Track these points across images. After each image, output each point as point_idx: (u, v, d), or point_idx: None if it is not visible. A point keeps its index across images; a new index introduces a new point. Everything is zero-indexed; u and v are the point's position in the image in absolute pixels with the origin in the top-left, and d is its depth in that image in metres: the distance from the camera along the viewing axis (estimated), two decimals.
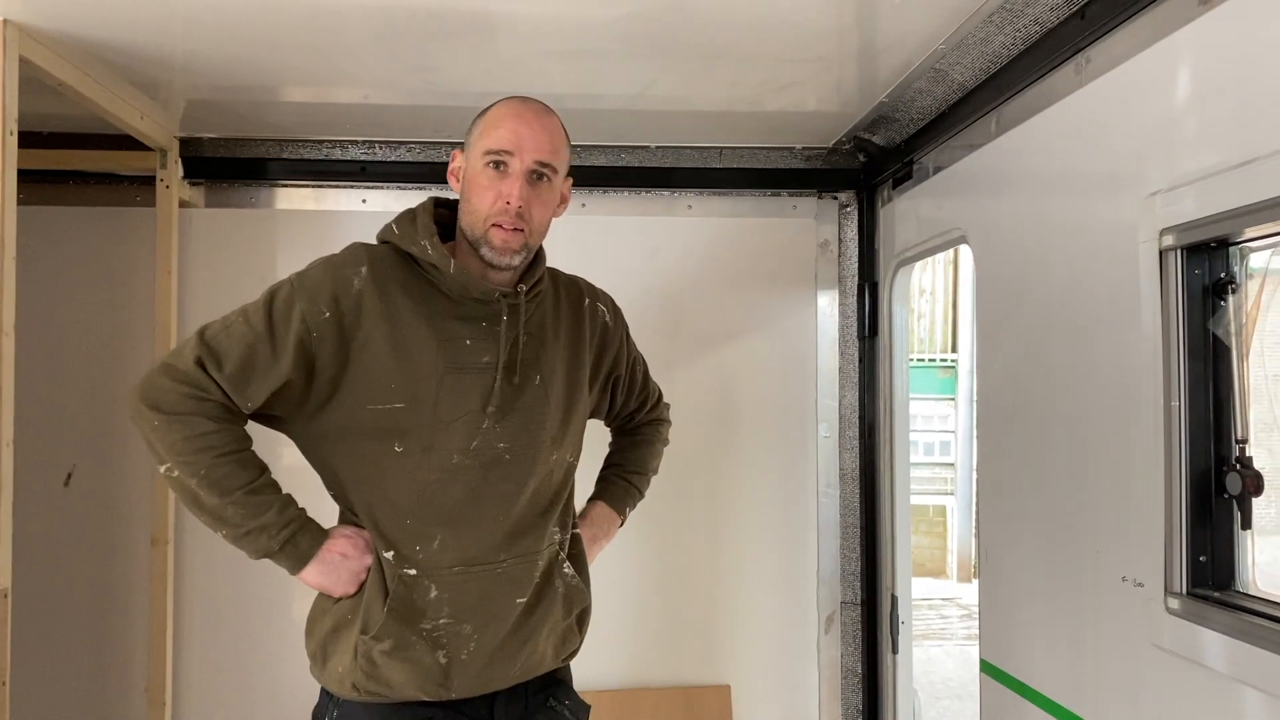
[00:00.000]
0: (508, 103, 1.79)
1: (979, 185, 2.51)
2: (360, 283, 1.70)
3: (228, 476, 1.64)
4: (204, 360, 1.63)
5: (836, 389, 3.32)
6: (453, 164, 1.83)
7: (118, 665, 3.07)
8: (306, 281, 1.70)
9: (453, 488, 1.73)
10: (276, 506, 1.68)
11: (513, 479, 1.78)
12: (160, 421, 1.63)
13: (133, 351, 3.06)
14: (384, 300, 1.70)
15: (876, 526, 3.22)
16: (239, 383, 1.64)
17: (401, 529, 1.73)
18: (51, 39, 2.23)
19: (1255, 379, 1.65)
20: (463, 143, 1.82)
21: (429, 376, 1.70)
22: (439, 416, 1.71)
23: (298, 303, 1.67)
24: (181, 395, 1.63)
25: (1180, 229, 1.65)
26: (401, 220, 1.78)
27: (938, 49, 2.28)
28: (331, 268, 1.72)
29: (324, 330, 1.67)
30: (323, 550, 1.71)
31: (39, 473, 3.06)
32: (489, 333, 1.75)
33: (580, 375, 1.91)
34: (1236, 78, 1.56)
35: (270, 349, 1.65)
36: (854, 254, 3.31)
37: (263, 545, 1.67)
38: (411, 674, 1.72)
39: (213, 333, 1.67)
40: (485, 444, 1.74)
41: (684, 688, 3.18)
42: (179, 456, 1.63)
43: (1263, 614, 1.51)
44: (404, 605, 1.72)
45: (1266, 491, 1.61)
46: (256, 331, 1.65)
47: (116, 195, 3.12)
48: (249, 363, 1.65)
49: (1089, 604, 1.97)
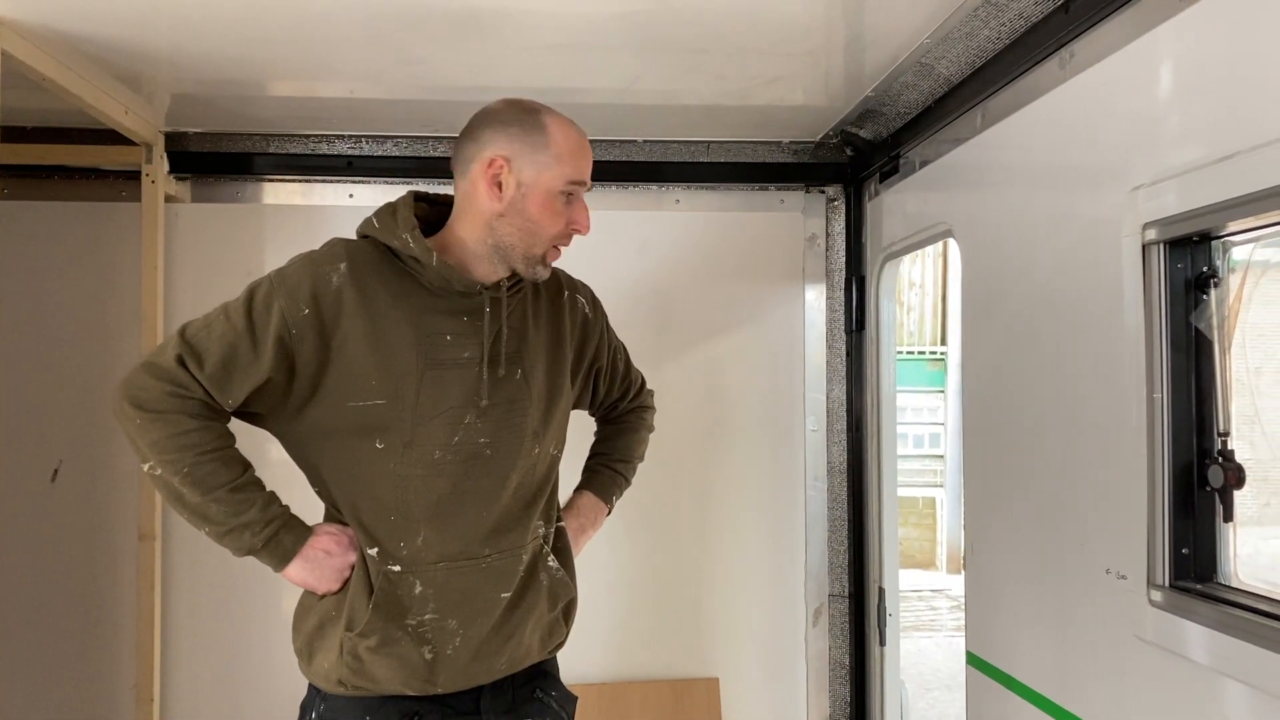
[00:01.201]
0: (572, 128, 1.76)
1: (965, 179, 2.51)
2: (339, 279, 1.69)
3: (210, 474, 1.64)
4: (185, 358, 1.64)
5: (824, 383, 3.32)
6: (497, 170, 1.71)
7: (105, 661, 3.06)
8: (286, 279, 1.69)
9: (435, 483, 1.73)
10: (259, 504, 1.68)
11: (494, 473, 1.78)
12: (143, 420, 1.63)
13: (119, 347, 3.05)
14: (363, 296, 1.69)
15: (864, 520, 3.23)
16: (220, 381, 1.65)
17: (385, 525, 1.73)
18: (34, 33, 2.22)
19: (1237, 372, 1.66)
20: (507, 154, 1.71)
21: (410, 372, 1.70)
22: (420, 412, 1.71)
23: (277, 300, 1.66)
24: (163, 393, 1.63)
25: (1163, 223, 1.66)
26: (381, 214, 1.77)
27: (923, 43, 2.29)
28: (310, 264, 1.71)
29: (303, 328, 1.66)
30: (306, 547, 1.71)
31: (25, 469, 3.05)
32: (470, 327, 1.75)
33: (561, 367, 1.91)
34: (1218, 73, 1.56)
35: (251, 347, 1.65)
36: (841, 248, 3.32)
37: (245, 543, 1.67)
38: (397, 670, 1.72)
39: (194, 331, 1.67)
40: (467, 439, 1.74)
41: (672, 680, 3.19)
42: (162, 454, 1.63)
43: (1244, 606, 1.52)
44: (389, 601, 1.72)
45: (1248, 484, 1.62)
46: (237, 330, 1.65)
47: (101, 190, 3.10)
48: (230, 361, 1.65)
49: (1073, 597, 1.98)
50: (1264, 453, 1.67)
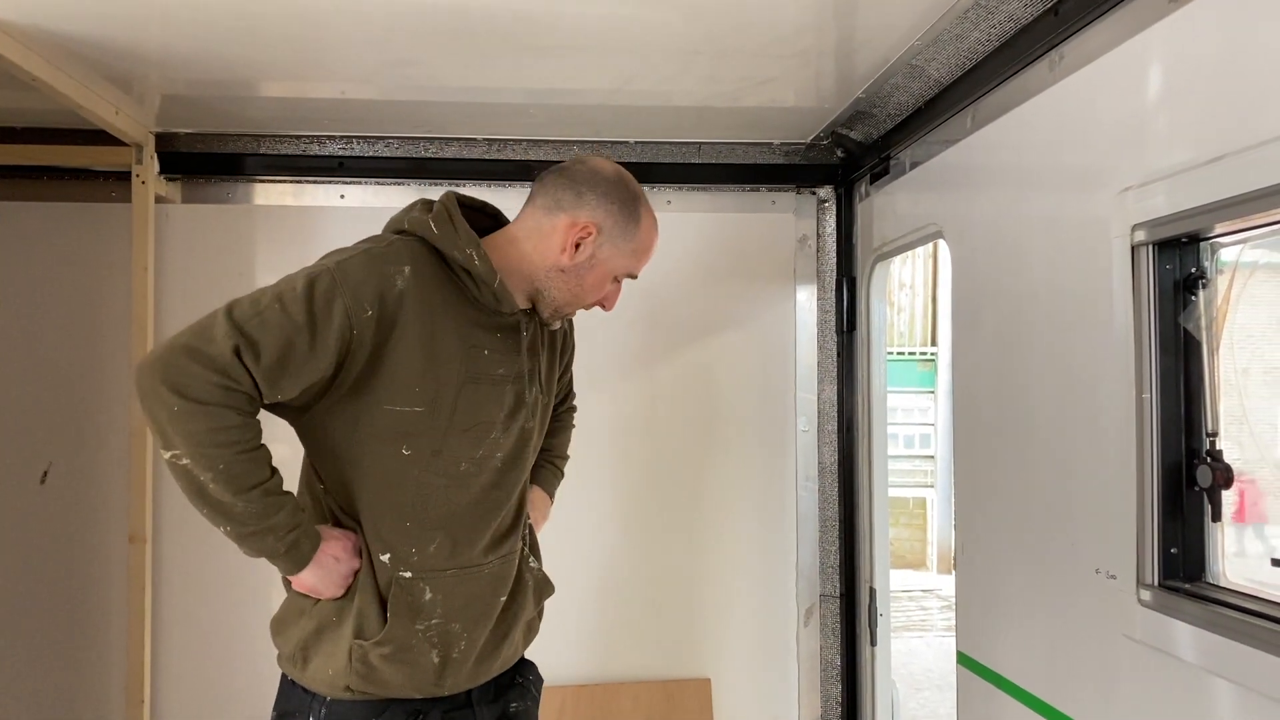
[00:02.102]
0: (655, 230, 1.87)
1: (955, 181, 2.52)
2: (404, 282, 1.64)
3: (246, 474, 1.56)
4: (241, 349, 1.53)
5: (815, 383, 3.33)
6: (584, 235, 1.78)
7: (96, 663, 3.05)
8: (349, 275, 1.61)
9: (455, 493, 1.75)
10: (289, 508, 1.63)
11: (506, 486, 1.82)
12: (182, 408, 1.51)
13: (109, 349, 3.04)
14: (424, 303, 1.66)
15: (855, 520, 3.24)
16: (273, 376, 1.56)
17: (400, 531, 1.72)
18: (24, 33, 2.21)
19: (1225, 373, 1.67)
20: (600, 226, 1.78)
21: (451, 383, 1.70)
22: (454, 423, 1.71)
23: (340, 297, 1.59)
24: (211, 384, 1.51)
25: (1152, 224, 1.66)
26: (439, 220, 1.72)
27: (914, 45, 2.29)
28: (376, 262, 1.65)
29: (364, 329, 1.60)
30: (319, 553, 1.68)
31: (14, 471, 3.04)
32: (505, 344, 1.78)
33: (554, 383, 1.99)
34: (1206, 75, 1.57)
35: (309, 343, 1.57)
36: (832, 249, 3.32)
37: (268, 546, 1.61)
38: (409, 675, 1.73)
39: (246, 317, 1.55)
40: (489, 454, 1.78)
41: (664, 681, 3.19)
42: (198, 447, 1.52)
43: (1232, 605, 1.53)
44: (402, 608, 1.72)
45: (1236, 484, 1.63)
46: (296, 323, 1.56)
47: (92, 191, 3.09)
48: (286, 356, 1.55)
49: (1063, 596, 1.99)
50: (1252, 453, 1.68)
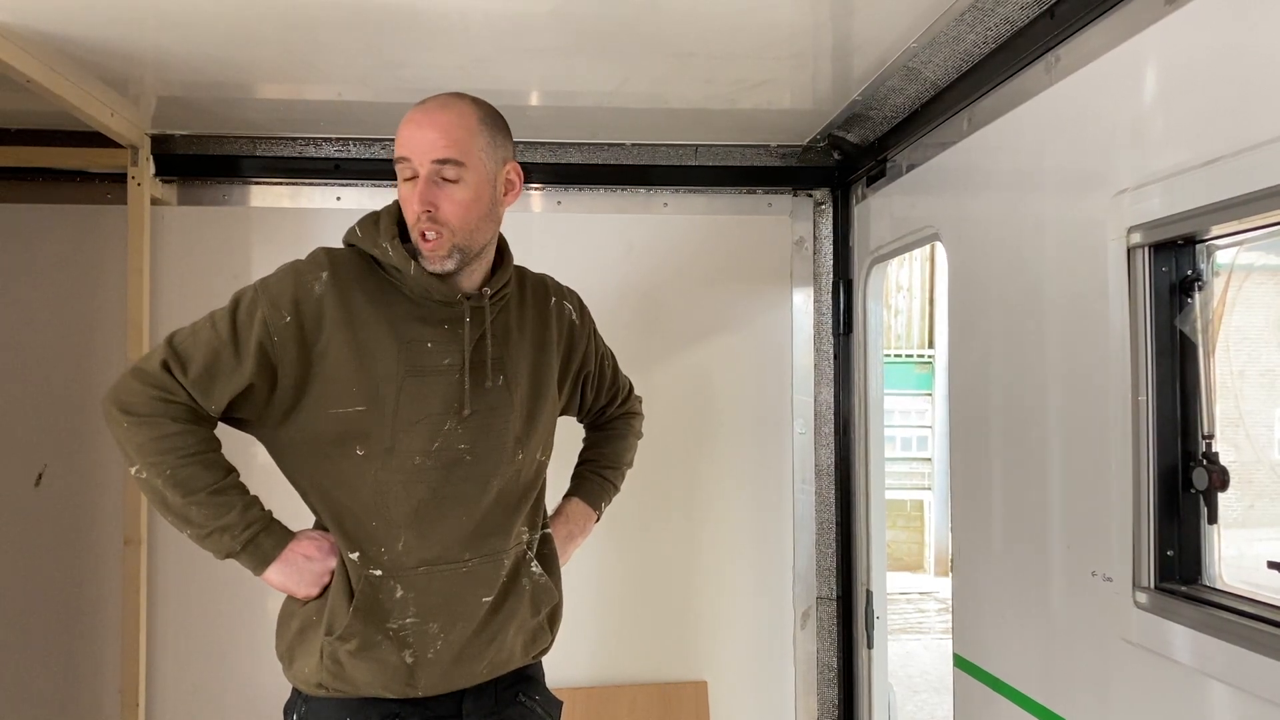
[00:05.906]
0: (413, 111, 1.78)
1: (951, 183, 2.52)
2: (321, 287, 1.71)
3: (192, 478, 1.66)
4: (170, 364, 1.67)
5: (812, 386, 3.33)
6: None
7: (91, 666, 3.05)
8: (269, 287, 1.71)
9: (415, 489, 1.74)
10: (239, 507, 1.70)
11: (474, 479, 1.78)
12: (129, 423, 1.66)
13: (104, 351, 3.03)
14: (345, 304, 1.71)
15: (852, 522, 3.24)
16: (203, 385, 1.67)
17: (365, 530, 1.75)
18: (19, 35, 2.21)
19: (1221, 375, 1.67)
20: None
21: (389, 379, 1.71)
22: (400, 419, 1.72)
23: (259, 308, 1.69)
24: (149, 398, 1.66)
25: (1147, 227, 1.66)
26: (365, 222, 1.79)
27: (910, 47, 2.29)
28: (294, 273, 1.73)
29: (285, 335, 1.68)
30: (286, 551, 1.73)
31: (9, 473, 3.04)
32: (451, 335, 1.76)
33: (547, 374, 1.92)
34: (1202, 77, 1.57)
35: (233, 353, 1.67)
36: (829, 251, 3.32)
37: (225, 545, 1.69)
38: (377, 673, 1.73)
39: (180, 338, 1.70)
40: (446, 445, 1.75)
41: (660, 684, 3.19)
42: (146, 457, 1.66)
43: (1228, 608, 1.53)
44: (370, 605, 1.73)
45: (1232, 486, 1.63)
46: (221, 336, 1.68)
47: (87, 193, 3.09)
48: (212, 366, 1.67)
49: (1059, 599, 1.99)
50: (1248, 455, 1.68)
